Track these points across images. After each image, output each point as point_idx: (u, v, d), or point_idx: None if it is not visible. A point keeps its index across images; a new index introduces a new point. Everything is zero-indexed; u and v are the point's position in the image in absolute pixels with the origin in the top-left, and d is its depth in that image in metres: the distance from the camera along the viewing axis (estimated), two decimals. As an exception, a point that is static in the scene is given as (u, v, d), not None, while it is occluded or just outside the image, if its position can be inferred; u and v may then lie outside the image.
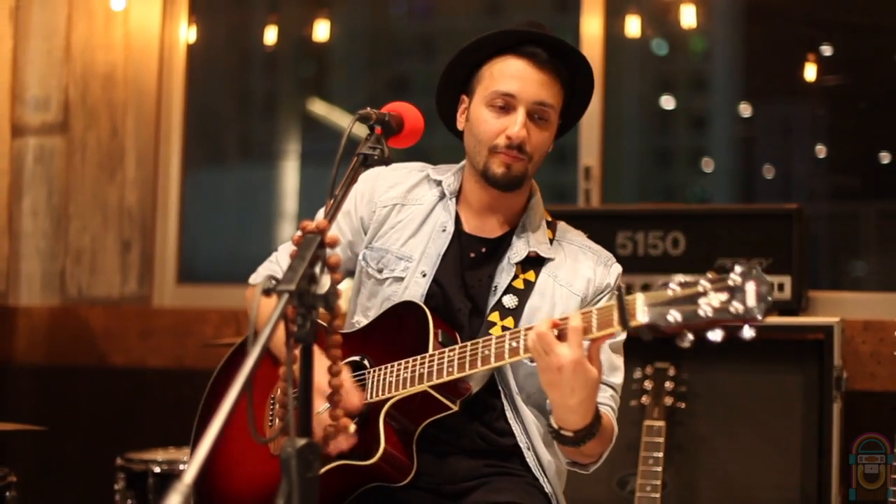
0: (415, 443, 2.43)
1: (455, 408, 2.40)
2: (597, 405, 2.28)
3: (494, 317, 2.48)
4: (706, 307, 1.95)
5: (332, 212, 2.04)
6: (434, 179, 2.64)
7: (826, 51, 4.61)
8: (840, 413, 3.54)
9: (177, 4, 5.04)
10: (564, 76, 2.52)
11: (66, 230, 4.96)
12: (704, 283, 1.97)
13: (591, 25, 4.59)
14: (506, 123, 2.47)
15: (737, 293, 1.94)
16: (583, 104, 2.62)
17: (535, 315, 2.48)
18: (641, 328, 2.03)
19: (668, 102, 5.07)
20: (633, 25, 4.74)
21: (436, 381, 2.33)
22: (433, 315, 2.42)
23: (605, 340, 2.27)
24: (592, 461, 2.45)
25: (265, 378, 2.49)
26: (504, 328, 2.45)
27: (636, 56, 4.90)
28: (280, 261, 2.67)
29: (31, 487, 4.40)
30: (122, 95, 4.94)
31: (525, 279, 2.52)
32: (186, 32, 5.06)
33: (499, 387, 2.50)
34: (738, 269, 1.96)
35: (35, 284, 4.97)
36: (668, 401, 3.58)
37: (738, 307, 1.93)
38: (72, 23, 4.97)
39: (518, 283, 2.51)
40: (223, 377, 2.67)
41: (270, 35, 5.22)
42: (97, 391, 4.83)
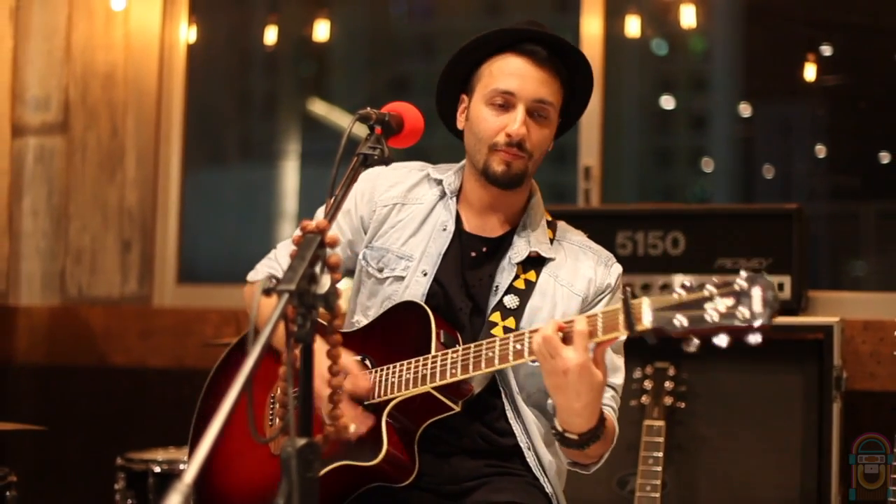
0: (416, 443, 2.43)
1: (457, 408, 2.39)
2: (601, 408, 2.28)
3: (496, 317, 2.47)
4: (712, 312, 1.94)
5: (332, 212, 2.04)
6: (434, 178, 2.64)
7: (826, 51, 4.60)
8: (840, 413, 3.54)
9: (177, 4, 5.04)
10: (564, 74, 2.52)
11: (67, 230, 4.96)
12: (710, 288, 1.96)
13: (591, 25, 4.59)
14: (505, 121, 2.47)
15: (743, 298, 1.93)
16: (582, 103, 2.62)
17: (537, 315, 2.48)
18: (647, 332, 2.03)
19: (668, 102, 5.06)
20: (633, 25, 4.74)
21: (439, 383, 2.32)
22: (435, 315, 2.42)
23: (611, 344, 2.27)
24: (594, 462, 2.45)
25: (265, 375, 2.48)
26: (505, 328, 2.45)
27: (636, 56, 4.90)
28: (279, 258, 2.66)
29: (31, 487, 4.40)
30: (123, 95, 4.94)
31: (526, 279, 2.51)
32: (186, 32, 5.06)
33: (499, 387, 2.50)
34: (744, 274, 1.95)
35: (35, 284, 4.97)
36: (668, 400, 3.58)
37: (745, 312, 1.92)
38: (72, 23, 4.97)
39: (519, 283, 2.51)
40: (220, 377, 2.66)
41: (270, 35, 5.21)
42: (97, 391, 4.83)
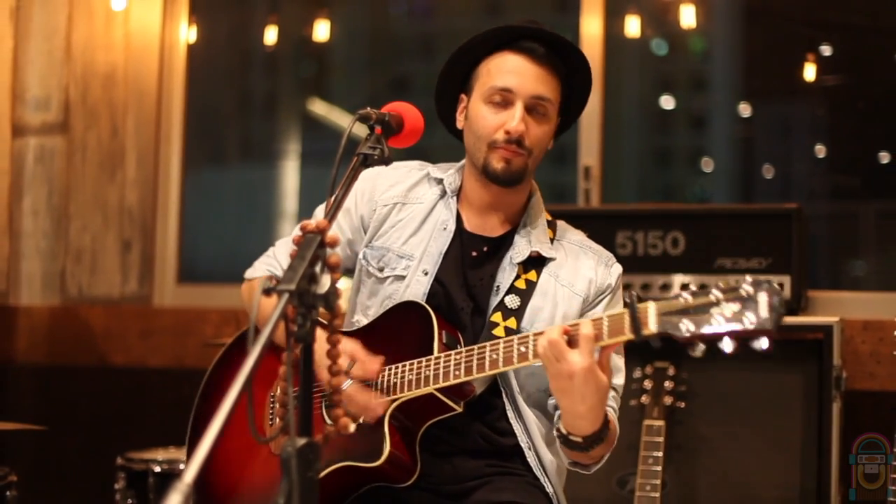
0: (418, 443, 2.43)
1: (459, 409, 2.39)
2: (605, 410, 2.28)
3: (497, 317, 2.47)
4: (719, 318, 1.94)
5: (332, 211, 2.04)
6: (435, 178, 2.63)
7: (826, 51, 4.60)
8: (840, 413, 3.54)
9: (177, 4, 5.04)
10: (562, 72, 2.52)
11: (67, 230, 4.96)
12: (716, 293, 1.96)
13: (591, 25, 4.59)
14: (504, 118, 2.47)
15: (749, 304, 1.93)
16: (581, 101, 2.61)
17: (538, 315, 2.48)
18: (653, 337, 2.03)
19: (668, 102, 5.06)
20: (633, 25, 4.74)
21: (442, 384, 2.32)
22: (437, 315, 2.42)
23: (615, 348, 2.27)
24: (595, 462, 2.45)
25: (265, 374, 2.48)
26: (507, 329, 2.45)
27: (636, 56, 4.90)
28: (278, 256, 2.66)
29: (31, 487, 4.40)
30: (123, 95, 4.94)
31: (527, 279, 2.51)
32: (187, 32, 5.06)
33: (500, 387, 2.50)
34: (750, 279, 1.94)
35: (35, 284, 4.97)
36: (668, 400, 3.58)
37: (752, 318, 1.92)
38: (72, 23, 4.97)
39: (520, 283, 2.50)
40: (217, 376, 2.66)
41: (270, 35, 5.21)
42: (97, 391, 4.83)
